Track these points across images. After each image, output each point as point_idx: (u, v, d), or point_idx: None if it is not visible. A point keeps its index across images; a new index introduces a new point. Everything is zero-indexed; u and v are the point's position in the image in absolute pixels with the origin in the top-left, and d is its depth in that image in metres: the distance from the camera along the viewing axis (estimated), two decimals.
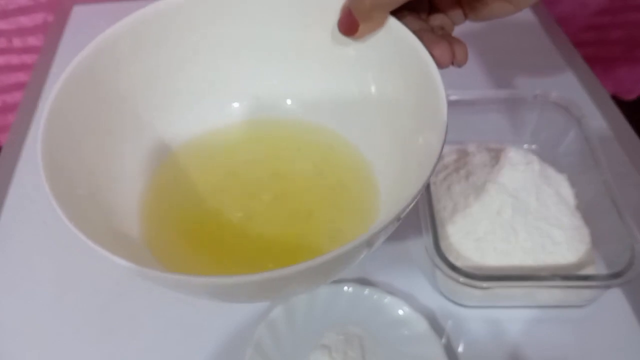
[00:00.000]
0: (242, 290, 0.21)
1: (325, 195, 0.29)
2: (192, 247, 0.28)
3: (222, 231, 0.28)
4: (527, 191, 0.41)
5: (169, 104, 0.30)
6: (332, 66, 0.29)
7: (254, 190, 0.30)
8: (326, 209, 0.29)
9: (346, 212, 0.25)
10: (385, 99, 0.28)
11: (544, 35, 0.65)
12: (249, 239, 0.28)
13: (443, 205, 0.43)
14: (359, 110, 0.30)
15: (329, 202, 0.29)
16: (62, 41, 0.68)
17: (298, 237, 0.27)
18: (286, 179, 0.30)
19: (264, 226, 0.28)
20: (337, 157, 0.30)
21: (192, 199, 0.29)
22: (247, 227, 0.28)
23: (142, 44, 0.28)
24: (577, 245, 0.40)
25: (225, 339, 0.39)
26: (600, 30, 0.83)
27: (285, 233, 0.27)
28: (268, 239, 0.27)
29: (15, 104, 0.83)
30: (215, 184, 0.30)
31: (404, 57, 0.26)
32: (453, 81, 0.59)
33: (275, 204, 0.29)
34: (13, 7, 0.73)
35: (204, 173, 0.31)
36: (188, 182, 0.30)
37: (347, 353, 0.35)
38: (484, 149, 0.48)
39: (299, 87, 0.31)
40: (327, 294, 0.40)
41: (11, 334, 0.40)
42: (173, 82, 0.30)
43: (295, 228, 0.28)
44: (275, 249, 0.27)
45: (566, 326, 0.39)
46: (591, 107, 0.55)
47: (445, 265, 0.36)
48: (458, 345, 0.38)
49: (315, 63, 0.30)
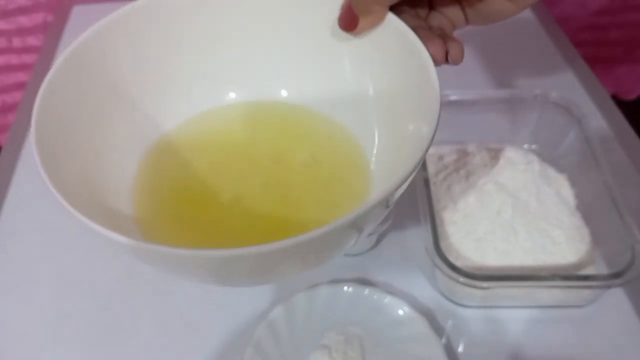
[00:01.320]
0: (227, 267, 0.21)
1: (318, 182, 0.29)
2: (182, 227, 0.28)
3: (211, 212, 0.28)
4: (527, 191, 0.41)
5: (165, 90, 0.31)
6: (331, 59, 0.30)
7: (246, 174, 0.30)
8: (317, 195, 0.29)
9: (338, 199, 0.25)
10: (382, 91, 0.29)
11: (544, 35, 0.65)
12: (238, 220, 0.28)
13: (443, 205, 0.43)
14: (357, 100, 0.30)
15: (321, 189, 0.29)
16: (62, 41, 0.68)
17: (286, 221, 0.27)
18: (280, 166, 0.30)
19: (253, 209, 0.28)
20: (334, 146, 0.31)
21: (184, 180, 0.30)
22: (235, 209, 0.28)
23: (137, 33, 0.29)
24: (577, 245, 0.40)
25: (225, 339, 0.39)
26: (600, 30, 0.83)
27: (274, 217, 0.28)
28: (255, 222, 0.28)
29: (15, 104, 0.83)
30: (208, 166, 0.30)
31: (401, 52, 0.26)
32: (453, 81, 0.59)
33: (266, 189, 0.29)
34: (13, 7, 0.73)
35: (197, 155, 0.31)
36: (181, 164, 0.30)
37: (347, 353, 0.35)
38: (484, 149, 0.48)
39: (297, 77, 0.32)
40: (327, 294, 0.40)
41: (11, 334, 0.40)
42: (169, 70, 0.30)
43: (285, 213, 0.28)
44: (261, 231, 0.27)
45: (566, 326, 0.39)
46: (591, 107, 0.55)
47: (445, 265, 0.36)
48: (458, 345, 0.38)
49: (315, 55, 0.30)
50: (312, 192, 0.29)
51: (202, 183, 0.30)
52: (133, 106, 0.30)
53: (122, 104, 0.29)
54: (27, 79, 0.65)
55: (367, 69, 0.29)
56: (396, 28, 0.26)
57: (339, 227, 0.20)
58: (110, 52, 0.29)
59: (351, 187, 0.26)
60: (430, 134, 0.24)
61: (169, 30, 0.30)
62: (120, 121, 0.29)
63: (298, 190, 0.29)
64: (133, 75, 0.30)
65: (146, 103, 0.30)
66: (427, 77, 0.26)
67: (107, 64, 0.28)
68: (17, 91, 0.82)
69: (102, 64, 0.28)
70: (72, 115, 0.27)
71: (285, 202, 0.28)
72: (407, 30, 0.26)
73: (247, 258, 0.20)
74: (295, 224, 0.24)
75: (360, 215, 0.20)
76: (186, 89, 0.32)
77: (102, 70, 0.28)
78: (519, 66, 0.61)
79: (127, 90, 0.29)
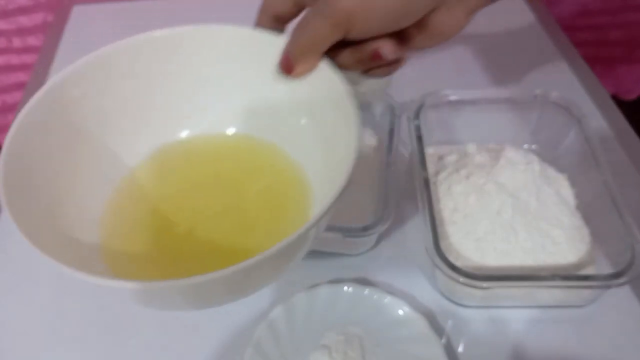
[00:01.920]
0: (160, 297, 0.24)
1: (266, 209, 0.32)
2: (144, 259, 0.30)
3: (169, 243, 0.31)
4: (527, 191, 0.41)
5: (127, 130, 0.34)
6: (274, 96, 0.33)
7: (201, 205, 0.33)
8: (266, 222, 0.32)
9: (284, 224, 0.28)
10: (317, 124, 0.32)
11: (544, 35, 0.65)
12: (192, 250, 0.31)
13: (443, 205, 0.43)
14: (298, 131, 0.34)
15: (269, 216, 0.32)
16: (62, 41, 0.68)
17: (237, 248, 0.30)
18: (233, 195, 0.33)
19: (208, 237, 0.31)
20: (280, 174, 0.34)
21: (145, 213, 0.33)
22: (190, 239, 0.31)
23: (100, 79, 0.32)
24: (577, 245, 0.40)
25: (225, 339, 0.39)
26: (600, 30, 0.83)
27: (225, 245, 0.31)
28: (211, 249, 0.30)
29: (15, 104, 0.83)
30: (167, 199, 0.33)
31: (329, 94, 0.30)
32: (453, 81, 0.60)
33: (219, 218, 0.32)
34: (13, 7, 0.73)
35: (157, 188, 0.34)
36: (143, 198, 0.33)
37: (347, 353, 0.35)
38: (484, 149, 0.48)
39: (246, 111, 0.35)
40: (327, 294, 0.40)
41: (11, 334, 0.40)
42: (130, 111, 0.34)
43: (236, 240, 0.31)
44: (213, 260, 0.30)
45: (566, 326, 0.39)
46: (591, 107, 0.55)
47: (445, 265, 0.36)
48: (458, 345, 0.38)
49: (260, 92, 0.34)
50: (261, 219, 0.32)
51: (161, 216, 0.32)
52: (98, 146, 0.32)
53: (87, 144, 0.32)
54: (27, 79, 0.65)
55: (303, 107, 0.33)
56: (326, 73, 0.30)
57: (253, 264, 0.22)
58: (75, 98, 0.31)
59: (296, 213, 0.29)
60: (344, 180, 0.26)
61: (128, 76, 0.33)
62: (86, 160, 0.32)
63: (248, 218, 0.32)
64: (97, 118, 0.32)
65: (110, 142, 0.33)
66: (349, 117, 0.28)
67: (72, 109, 0.31)
68: (17, 91, 0.82)
69: (68, 109, 0.30)
70: (40, 157, 0.29)
71: (236, 230, 0.31)
72: (334, 76, 0.29)
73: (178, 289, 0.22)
74: (245, 250, 0.26)
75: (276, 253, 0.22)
76: (146, 127, 0.34)
77: (68, 115, 0.30)
78: (519, 66, 0.61)
79: (92, 131, 0.32)
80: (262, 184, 0.34)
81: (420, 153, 0.43)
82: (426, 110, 0.47)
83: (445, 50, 0.64)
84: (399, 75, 0.60)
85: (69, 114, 0.30)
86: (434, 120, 0.49)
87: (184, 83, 0.34)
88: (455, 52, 0.64)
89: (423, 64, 0.62)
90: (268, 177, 0.34)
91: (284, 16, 0.30)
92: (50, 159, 0.29)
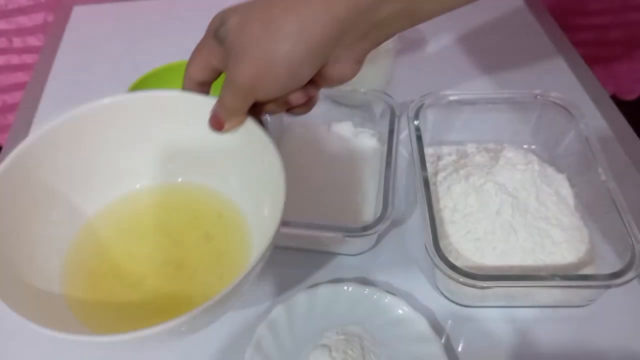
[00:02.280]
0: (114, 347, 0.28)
1: (209, 257, 0.36)
2: (103, 309, 0.34)
3: (121, 293, 0.35)
4: (527, 191, 0.41)
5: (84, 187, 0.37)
6: (211, 149, 0.37)
7: (150, 255, 0.37)
8: (208, 270, 0.35)
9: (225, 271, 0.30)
10: (249, 175, 0.37)
11: (544, 36, 0.65)
12: (141, 298, 0.34)
13: (443, 205, 0.43)
14: (237, 179, 0.38)
15: (212, 264, 0.36)
16: (62, 41, 0.68)
17: (180, 296, 0.34)
18: (178, 245, 0.37)
19: (156, 286, 0.35)
20: (224, 222, 0.38)
21: (101, 264, 0.36)
22: (140, 289, 0.35)
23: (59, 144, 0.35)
24: (577, 245, 0.40)
25: (226, 339, 0.39)
26: (600, 30, 0.83)
27: (170, 293, 0.34)
28: (159, 296, 0.34)
29: (15, 104, 0.83)
30: (120, 250, 0.37)
31: (254, 147, 0.34)
32: (453, 81, 0.60)
33: (165, 267, 0.36)
34: (13, 7, 0.73)
35: (112, 239, 0.37)
36: (98, 249, 0.37)
37: (347, 353, 0.36)
38: (484, 149, 0.48)
39: (192, 165, 0.39)
40: (327, 294, 0.40)
41: (11, 334, 0.40)
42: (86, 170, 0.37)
43: (180, 288, 0.35)
44: (160, 307, 0.34)
45: (566, 326, 0.39)
46: (591, 107, 0.55)
47: (445, 265, 0.36)
48: (458, 345, 0.38)
49: (199, 146, 0.38)
50: (203, 267, 0.35)
51: (114, 266, 0.36)
52: (56, 202, 0.36)
53: (47, 202, 0.35)
54: (28, 79, 0.65)
55: (236, 155, 0.37)
56: (250, 129, 0.34)
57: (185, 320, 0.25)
58: (39, 162, 0.34)
59: (236, 260, 0.31)
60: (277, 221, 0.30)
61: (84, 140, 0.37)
62: (46, 217, 0.35)
63: (192, 267, 0.35)
64: (56, 179, 0.36)
65: (67, 198, 0.37)
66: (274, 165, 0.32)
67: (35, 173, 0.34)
68: (18, 91, 0.82)
69: (31, 173, 0.34)
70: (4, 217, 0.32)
71: (180, 278, 0.35)
72: (259, 129, 0.34)
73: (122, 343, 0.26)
74: (188, 297, 0.29)
75: (195, 316, 0.26)
76: (100, 184, 0.38)
77: (31, 177, 0.34)
78: (519, 66, 0.61)
79: (51, 190, 0.35)
80: (203, 231, 0.37)
81: (419, 153, 0.43)
82: (426, 110, 0.47)
83: (445, 50, 0.64)
84: (399, 75, 0.60)
85: (30, 178, 0.34)
86: (433, 120, 0.49)
87: (133, 142, 0.38)
88: (455, 52, 0.64)
89: (423, 64, 0.62)
90: (209, 224, 0.38)
91: (205, 81, 0.35)
92: (13, 218, 0.33)
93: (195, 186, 0.39)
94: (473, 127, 0.49)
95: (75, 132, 0.36)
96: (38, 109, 0.59)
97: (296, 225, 0.40)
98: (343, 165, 0.48)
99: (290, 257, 0.44)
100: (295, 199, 0.45)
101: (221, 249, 0.36)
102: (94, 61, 0.65)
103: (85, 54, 0.67)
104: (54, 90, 0.61)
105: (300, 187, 0.46)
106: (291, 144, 0.50)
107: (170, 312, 0.26)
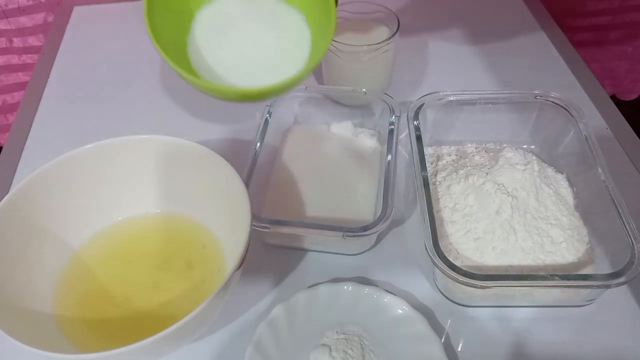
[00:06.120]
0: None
1: (189, 284, 0.39)
2: (92, 328, 0.37)
3: (109, 313, 0.38)
4: (527, 191, 0.41)
5: (71, 220, 0.41)
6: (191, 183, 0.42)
7: (136, 279, 0.40)
8: (188, 296, 0.38)
9: (200, 299, 0.31)
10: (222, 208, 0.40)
11: (543, 36, 0.65)
12: (127, 318, 0.37)
13: (443, 205, 0.43)
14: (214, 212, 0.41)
15: (191, 291, 0.38)
16: (62, 41, 0.68)
17: (162, 317, 0.37)
18: (162, 271, 0.40)
19: (139, 309, 0.38)
20: (206, 253, 0.41)
21: (90, 287, 0.39)
22: (126, 309, 0.38)
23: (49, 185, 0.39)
24: (577, 245, 0.40)
25: (226, 338, 0.39)
26: (600, 30, 0.84)
27: (154, 315, 0.37)
28: (140, 319, 0.37)
29: (15, 104, 0.83)
30: (108, 275, 0.40)
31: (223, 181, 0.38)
32: (453, 81, 0.60)
33: (150, 291, 0.39)
34: (13, 7, 0.73)
35: (100, 266, 0.40)
36: (88, 275, 0.40)
37: (347, 352, 0.36)
38: (484, 149, 0.49)
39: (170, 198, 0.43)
40: (327, 293, 0.40)
41: None
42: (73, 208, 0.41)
43: (162, 311, 0.37)
44: (143, 327, 0.37)
45: (566, 326, 0.39)
46: (591, 107, 0.55)
47: (444, 264, 0.36)
48: (457, 345, 0.38)
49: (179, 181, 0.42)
50: (184, 294, 0.38)
51: (103, 289, 0.39)
52: (47, 236, 0.39)
53: (40, 235, 0.38)
54: (28, 79, 0.65)
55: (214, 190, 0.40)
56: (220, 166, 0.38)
57: (162, 337, 0.29)
58: (34, 201, 0.38)
59: (212, 288, 0.32)
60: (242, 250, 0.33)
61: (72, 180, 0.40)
62: (38, 248, 0.38)
63: (173, 292, 0.39)
64: (46, 215, 0.39)
65: (58, 230, 0.40)
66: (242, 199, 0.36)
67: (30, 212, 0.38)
68: (18, 91, 0.82)
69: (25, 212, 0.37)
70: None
71: (163, 302, 0.38)
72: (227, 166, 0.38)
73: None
74: (168, 319, 0.30)
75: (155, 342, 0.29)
76: (87, 216, 0.41)
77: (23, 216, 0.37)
78: (519, 66, 0.61)
79: (42, 224, 0.39)
80: (186, 260, 0.40)
81: (419, 153, 0.43)
82: (426, 110, 0.47)
83: (445, 50, 0.64)
84: (399, 75, 0.60)
85: (23, 216, 0.37)
86: (433, 120, 0.49)
87: (118, 179, 0.42)
88: (455, 52, 0.64)
89: (423, 64, 0.62)
90: (189, 251, 0.41)
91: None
92: (9, 252, 0.35)
93: (177, 215, 0.43)
94: (472, 127, 0.49)
95: (63, 173, 0.39)
96: (38, 109, 0.59)
97: (296, 225, 0.40)
98: (343, 165, 0.48)
99: (290, 257, 0.44)
100: (295, 199, 0.45)
101: (199, 277, 0.39)
102: (94, 61, 0.65)
103: (85, 54, 0.67)
104: (54, 90, 0.61)
105: (300, 187, 0.46)
106: (291, 144, 0.50)
107: (155, 331, 0.29)
